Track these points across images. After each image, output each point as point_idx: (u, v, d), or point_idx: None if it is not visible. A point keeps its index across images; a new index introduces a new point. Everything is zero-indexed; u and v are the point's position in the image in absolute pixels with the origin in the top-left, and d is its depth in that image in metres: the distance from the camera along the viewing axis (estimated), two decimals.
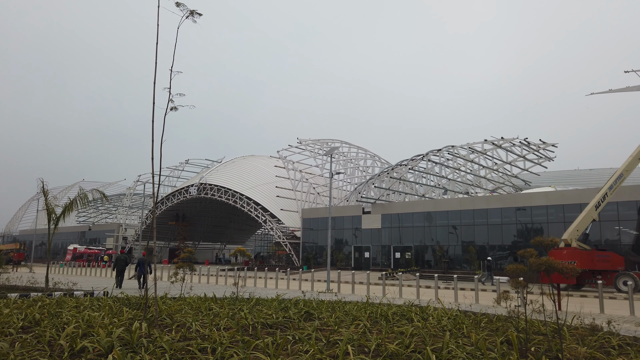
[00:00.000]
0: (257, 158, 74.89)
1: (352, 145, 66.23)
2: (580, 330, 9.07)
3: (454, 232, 42.56)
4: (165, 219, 72.41)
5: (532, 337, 8.41)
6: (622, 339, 8.75)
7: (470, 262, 40.30)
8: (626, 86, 38.17)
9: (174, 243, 77.29)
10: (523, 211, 38.90)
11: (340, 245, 50.68)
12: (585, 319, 10.59)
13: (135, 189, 79.30)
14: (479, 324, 10.01)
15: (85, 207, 23.91)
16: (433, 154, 50.11)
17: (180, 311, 10.65)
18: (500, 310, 11.94)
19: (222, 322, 9.02)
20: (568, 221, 31.19)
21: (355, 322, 9.74)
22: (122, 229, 78.25)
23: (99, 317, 9.01)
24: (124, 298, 13.37)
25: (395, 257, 45.97)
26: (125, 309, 10.61)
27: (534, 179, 59.05)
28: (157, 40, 8.56)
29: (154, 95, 8.82)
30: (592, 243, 31.58)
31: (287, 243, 55.99)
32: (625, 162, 29.59)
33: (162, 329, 8.33)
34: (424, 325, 9.38)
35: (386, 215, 47.44)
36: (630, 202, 33.55)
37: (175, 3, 8.30)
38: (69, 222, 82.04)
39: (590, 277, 26.18)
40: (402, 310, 11.74)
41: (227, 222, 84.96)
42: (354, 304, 13.33)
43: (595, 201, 27.99)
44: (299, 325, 9.22)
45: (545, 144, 54.89)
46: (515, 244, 38.60)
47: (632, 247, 33.16)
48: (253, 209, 59.17)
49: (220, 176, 65.84)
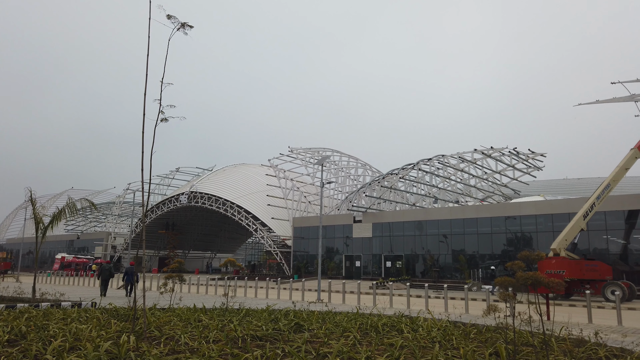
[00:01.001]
0: (248, 166, 74.80)
1: (343, 154, 66.43)
2: (568, 342, 9.13)
3: (445, 241, 42.72)
4: (155, 227, 71.89)
5: (520, 348, 8.46)
6: (609, 350, 8.83)
7: (461, 271, 40.45)
8: (613, 97, 38.69)
9: (164, 252, 76.68)
10: (512, 220, 39.19)
11: (332, 254, 50.62)
12: (573, 330, 10.66)
13: (124, 197, 78.77)
14: (469, 335, 10.05)
15: (74, 216, 23.74)
16: (424, 163, 50.40)
17: (169, 323, 10.57)
18: (489, 321, 12.00)
19: (212, 335, 8.96)
20: (557, 230, 31.47)
21: (346, 333, 9.73)
22: (111, 237, 77.53)
23: (87, 330, 8.92)
24: (112, 309, 13.23)
25: (386, 266, 45.99)
26: (113, 321, 10.50)
27: (524, 188, 59.54)
28: (148, 52, 8.58)
29: (144, 107, 8.82)
30: (581, 252, 31.86)
31: (278, 252, 55.81)
32: (613, 172, 29.97)
33: (150, 342, 8.26)
34: (413, 337, 9.40)
35: (377, 224, 47.53)
36: (618, 212, 33.94)
37: (167, 15, 8.33)
38: (57, 231, 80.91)
39: (578, 286, 26.36)
40: (392, 321, 11.75)
41: (217, 231, 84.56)
42: (344, 315, 13.32)
43: (583, 211, 28.27)
44: (288, 338, 9.19)
45: (534, 154, 55.43)
46: (505, 253, 38.84)
47: (620, 257, 33.50)
48: (244, 217, 58.97)
49: (211, 184, 65.63)
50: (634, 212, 33.34)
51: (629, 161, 30.11)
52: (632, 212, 33.45)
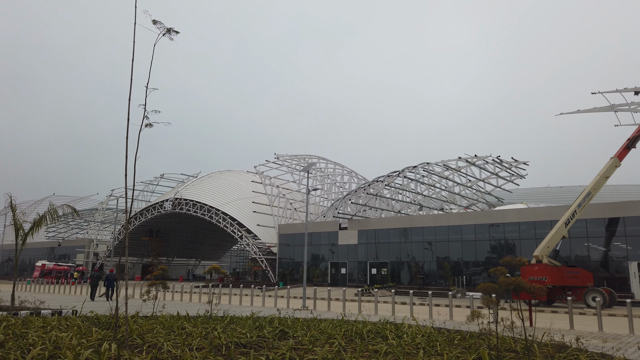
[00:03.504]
0: (233, 173, 74.44)
1: (329, 161, 66.55)
2: (550, 348, 9.24)
3: (429, 248, 42.97)
4: (139, 234, 71.00)
5: (503, 354, 8.53)
6: (590, 356, 8.95)
7: (445, 278, 40.68)
8: (593, 107, 39.46)
9: (147, 259, 75.72)
10: (496, 227, 39.60)
11: (317, 261, 50.51)
12: (555, 335, 10.80)
13: (107, 203, 77.74)
14: (453, 341, 10.10)
15: (55, 223, 23.38)
16: (409, 170, 50.76)
17: (151, 331, 10.42)
18: (473, 327, 12.09)
19: (195, 342, 8.86)
20: (539, 237, 31.89)
21: (330, 340, 9.70)
22: (93, 244, 76.32)
23: (67, 338, 8.74)
24: (94, 317, 13.01)
25: (372, 273, 46.05)
26: (94, 329, 10.32)
27: (507, 196, 60.28)
28: (133, 57, 8.53)
29: (129, 113, 8.75)
30: (562, 259, 32.33)
31: (263, 259, 55.51)
32: (593, 181, 30.53)
33: (132, 350, 8.14)
34: (398, 343, 9.41)
35: (362, 231, 47.61)
36: (599, 220, 34.54)
37: (152, 21, 8.30)
38: (37, 238, 79.52)
39: (560, 293, 26.71)
40: (377, 328, 11.75)
41: (202, 238, 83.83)
42: (329, 322, 13.28)
43: (564, 218, 28.72)
44: (273, 345, 9.13)
45: (517, 162, 56.20)
46: (489, 259, 39.19)
47: (601, 264, 34.05)
48: (229, 224, 58.60)
49: (196, 191, 65.13)
50: (614, 219, 33.96)
51: (609, 170, 30.72)
52: (612, 220, 34.07)
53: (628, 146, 31.64)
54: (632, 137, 31.90)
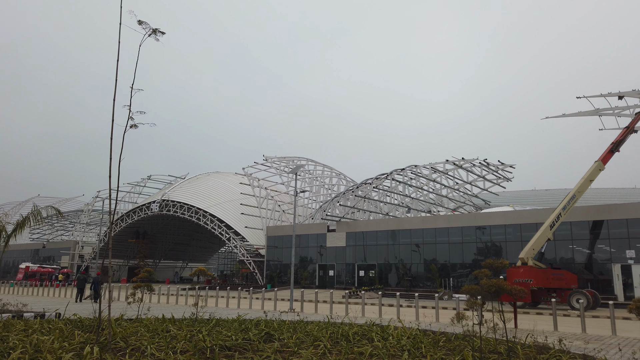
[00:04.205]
0: (222, 175, 74.12)
1: (318, 163, 66.59)
2: (533, 349, 9.33)
3: (417, 251, 43.17)
4: (125, 236, 70.31)
5: (487, 355, 8.60)
6: (572, 357, 9.06)
7: (432, 280, 40.90)
8: (578, 111, 40.04)
9: (134, 261, 75.01)
10: (483, 230, 39.92)
11: (305, 263, 50.47)
12: (539, 337, 10.91)
13: (93, 205, 76.82)
14: (438, 343, 10.16)
15: (39, 224, 23.06)
16: (397, 173, 50.98)
17: (135, 334, 10.33)
18: (458, 329, 12.17)
19: (179, 345, 8.80)
20: (525, 240, 32.20)
21: (316, 343, 9.70)
22: (78, 246, 75.39)
23: (48, 341, 8.63)
24: (77, 320, 12.86)
25: (359, 275, 46.13)
26: (77, 332, 10.20)
27: (493, 199, 60.84)
28: (118, 57, 8.47)
29: (113, 113, 8.68)
30: (547, 261, 32.71)
31: (251, 261, 55.31)
32: (578, 184, 30.95)
33: (115, 353, 8.06)
34: (383, 345, 9.44)
35: (351, 234, 47.68)
36: (583, 222, 35.00)
37: (138, 21, 8.25)
38: (21, 240, 78.36)
39: (545, 294, 26.98)
40: (363, 330, 11.78)
41: (189, 240, 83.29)
42: (315, 324, 13.27)
43: (550, 221, 29.06)
44: (258, 347, 9.11)
45: (503, 165, 56.76)
46: (476, 262, 39.47)
47: (585, 266, 34.50)
48: (217, 226, 58.31)
49: (184, 193, 64.72)
50: (598, 222, 34.44)
51: (593, 173, 31.18)
52: (596, 223, 34.55)
53: (612, 150, 32.13)
54: (615, 141, 32.41)
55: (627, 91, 37.26)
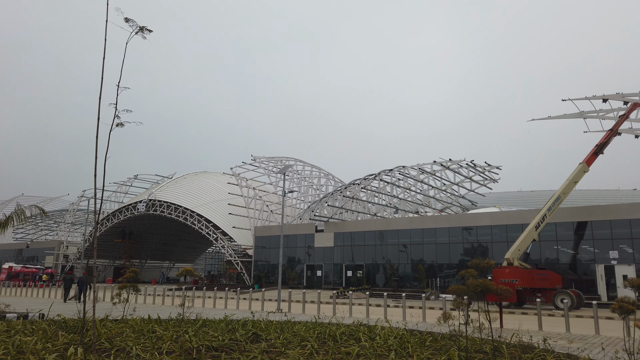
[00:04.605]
0: (209, 175, 73.70)
1: (306, 164, 66.55)
2: (519, 349, 9.43)
3: (404, 251, 43.36)
4: (111, 236, 69.56)
5: (473, 355, 8.67)
6: (557, 356, 9.17)
7: (420, 280, 41.11)
8: (564, 113, 40.62)
9: (120, 261, 74.25)
10: (469, 231, 40.24)
11: (293, 264, 50.41)
12: (524, 337, 11.03)
13: (79, 204, 75.91)
14: (424, 342, 10.21)
15: (23, 224, 22.72)
16: (385, 173, 51.18)
17: (120, 334, 10.22)
18: (445, 328, 12.25)
19: (165, 346, 8.73)
20: (511, 240, 32.52)
21: (303, 343, 9.69)
22: (63, 246, 74.41)
23: (31, 342, 8.50)
24: (61, 321, 12.68)
25: (347, 275, 46.20)
26: (61, 332, 10.06)
27: (480, 200, 61.34)
28: (104, 55, 8.38)
29: (99, 111, 8.58)
30: (533, 262, 33.07)
31: (238, 261, 55.08)
32: (563, 185, 31.35)
33: (100, 354, 7.97)
34: (370, 345, 9.46)
35: (339, 234, 47.74)
36: (568, 223, 35.46)
37: (125, 19, 8.17)
38: (4, 239, 77.26)
39: (530, 294, 27.28)
40: (350, 330, 11.79)
41: (176, 240, 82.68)
42: (303, 324, 13.26)
43: (535, 222, 29.40)
44: (245, 348, 9.07)
45: (490, 166, 57.28)
46: (462, 262, 39.77)
47: (569, 266, 34.96)
48: (204, 226, 57.96)
49: (171, 192, 64.22)
50: (582, 223, 34.93)
51: (578, 175, 31.61)
52: (580, 224, 35.04)
53: (596, 152, 32.61)
54: (600, 143, 32.90)
55: (611, 94, 37.88)
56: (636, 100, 35.99)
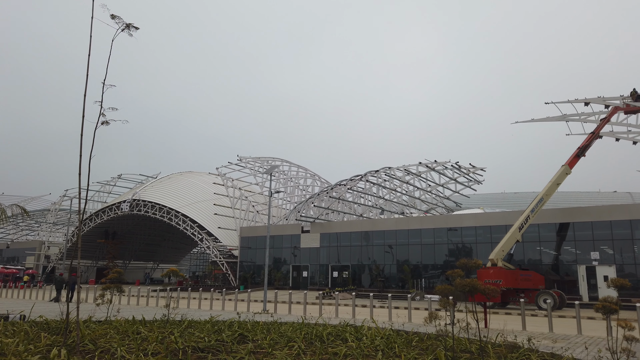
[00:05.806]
0: (195, 174, 73.13)
1: (292, 164, 66.45)
2: (504, 348, 9.53)
3: (390, 252, 43.54)
4: (94, 236, 68.57)
5: (459, 355, 8.73)
6: (541, 355, 9.29)
7: (405, 280, 41.32)
8: (547, 116, 41.26)
9: (103, 262, 73.24)
10: (454, 231, 40.58)
11: (279, 264, 50.27)
12: (509, 336, 11.15)
13: (61, 204, 74.66)
14: (411, 343, 10.26)
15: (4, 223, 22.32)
16: (371, 174, 51.36)
17: (105, 336, 10.07)
18: (431, 329, 12.32)
19: (150, 347, 8.63)
20: (495, 241, 32.89)
21: (290, 343, 9.66)
22: (44, 247, 73.12)
23: (13, 344, 8.33)
24: (43, 322, 12.46)
25: (333, 276, 46.23)
26: (43, 334, 9.88)
27: (465, 201, 61.92)
28: (90, 52, 8.25)
29: (84, 109, 8.45)
30: (516, 263, 33.48)
31: (224, 262, 54.74)
32: (546, 187, 31.81)
33: (83, 356, 7.84)
34: (357, 346, 9.47)
35: (325, 235, 47.74)
36: (550, 225, 35.99)
37: (110, 15, 8.05)
38: None
39: (514, 295, 27.60)
40: (337, 331, 11.80)
41: (160, 241, 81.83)
42: (289, 325, 13.22)
43: (518, 223, 29.76)
44: (231, 349, 9.01)
45: (474, 168, 57.86)
46: (447, 263, 40.09)
47: (552, 267, 35.47)
48: (189, 226, 57.48)
49: (155, 192, 63.55)
50: (565, 225, 35.48)
51: (560, 177, 32.11)
52: (562, 225, 35.58)
53: (578, 154, 33.16)
54: (582, 146, 33.46)
55: (592, 98, 38.58)
56: (617, 103, 36.71)
